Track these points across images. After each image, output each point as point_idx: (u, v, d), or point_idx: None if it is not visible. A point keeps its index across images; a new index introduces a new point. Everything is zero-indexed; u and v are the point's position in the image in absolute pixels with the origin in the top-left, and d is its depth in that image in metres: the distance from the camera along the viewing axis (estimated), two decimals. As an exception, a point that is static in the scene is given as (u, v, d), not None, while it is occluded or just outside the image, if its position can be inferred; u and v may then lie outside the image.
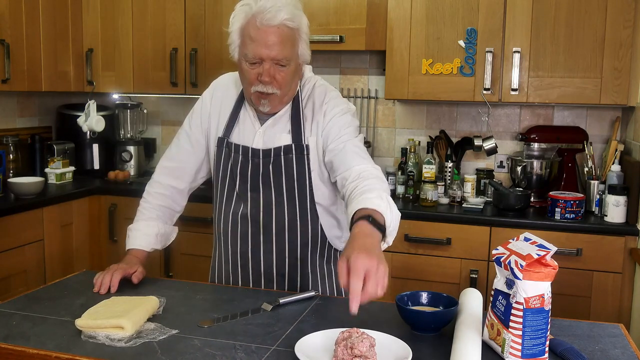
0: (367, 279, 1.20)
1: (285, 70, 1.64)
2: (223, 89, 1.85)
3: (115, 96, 3.82)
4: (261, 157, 1.72)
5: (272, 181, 1.73)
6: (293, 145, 1.71)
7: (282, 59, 1.62)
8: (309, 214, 1.75)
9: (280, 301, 1.54)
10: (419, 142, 3.30)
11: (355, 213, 1.42)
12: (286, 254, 1.76)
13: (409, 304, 1.45)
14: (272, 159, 1.72)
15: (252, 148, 1.73)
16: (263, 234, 1.75)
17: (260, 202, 1.74)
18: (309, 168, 1.72)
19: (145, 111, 3.73)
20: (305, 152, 1.71)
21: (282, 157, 1.72)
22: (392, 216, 1.45)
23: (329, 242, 1.81)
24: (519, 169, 2.98)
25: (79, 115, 3.45)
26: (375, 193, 1.47)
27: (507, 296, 1.23)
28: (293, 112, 1.74)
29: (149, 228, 1.81)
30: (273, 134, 1.74)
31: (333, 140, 1.69)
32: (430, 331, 1.38)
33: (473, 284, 2.69)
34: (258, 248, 1.76)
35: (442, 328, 1.39)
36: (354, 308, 1.18)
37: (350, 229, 1.38)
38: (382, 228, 1.37)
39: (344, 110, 1.74)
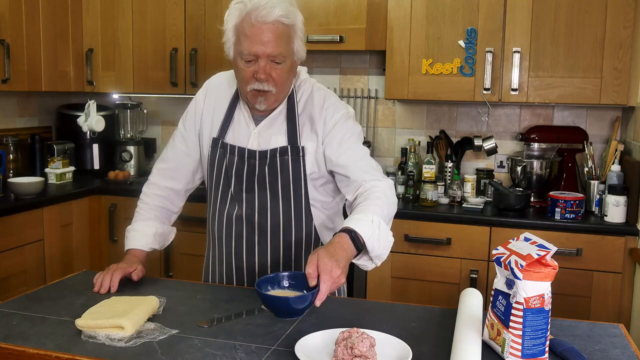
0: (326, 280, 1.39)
1: (280, 67, 1.63)
2: (216, 89, 1.83)
3: (115, 96, 3.82)
4: (257, 158, 1.72)
5: (268, 182, 1.72)
6: (289, 146, 1.71)
7: (278, 56, 1.61)
8: (303, 214, 1.75)
9: (280, 301, 1.54)
10: (419, 142, 3.30)
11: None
12: (280, 254, 1.76)
13: (268, 288, 1.47)
14: (268, 160, 1.71)
15: (248, 149, 1.73)
16: (258, 235, 1.75)
17: (255, 203, 1.74)
18: (304, 170, 1.72)
19: (145, 111, 3.73)
20: (301, 154, 1.71)
21: (278, 158, 1.71)
22: (379, 244, 1.53)
23: (321, 242, 1.80)
24: (519, 169, 2.98)
25: (79, 115, 3.45)
26: (370, 216, 1.53)
27: (507, 296, 1.23)
28: (288, 113, 1.73)
29: (147, 228, 1.81)
30: (269, 135, 1.73)
31: (339, 155, 1.70)
32: (294, 315, 1.41)
33: (473, 284, 2.69)
34: (253, 249, 1.76)
35: (306, 311, 1.42)
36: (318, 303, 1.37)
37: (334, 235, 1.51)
38: (360, 247, 1.49)
39: (344, 115, 1.73)
